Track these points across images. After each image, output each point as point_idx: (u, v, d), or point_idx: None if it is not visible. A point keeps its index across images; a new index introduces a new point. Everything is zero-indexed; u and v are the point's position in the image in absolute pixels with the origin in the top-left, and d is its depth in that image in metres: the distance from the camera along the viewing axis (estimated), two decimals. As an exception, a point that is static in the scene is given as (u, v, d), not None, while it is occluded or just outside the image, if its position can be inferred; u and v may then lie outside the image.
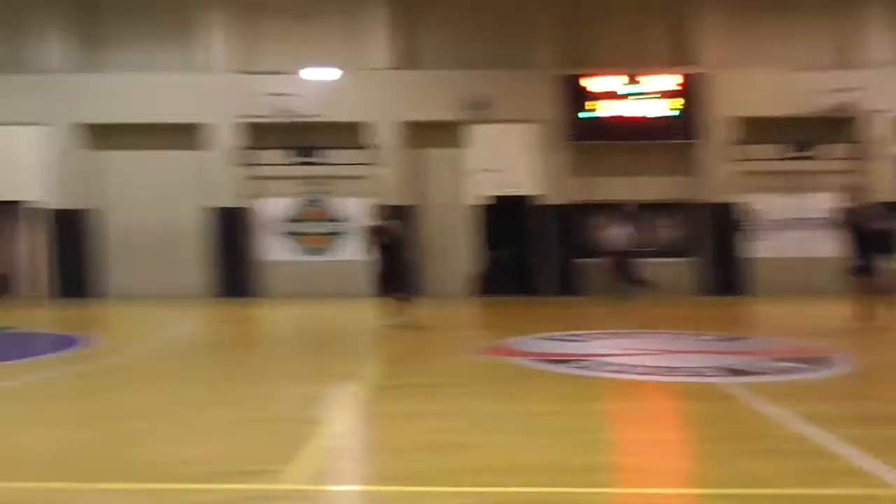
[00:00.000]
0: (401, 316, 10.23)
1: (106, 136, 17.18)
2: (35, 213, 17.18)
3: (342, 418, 5.57)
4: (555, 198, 16.79)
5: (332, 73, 16.84)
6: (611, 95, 16.81)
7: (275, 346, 10.18)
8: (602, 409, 5.63)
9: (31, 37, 16.94)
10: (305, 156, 16.99)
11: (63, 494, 3.77)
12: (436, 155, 17.24)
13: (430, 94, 16.74)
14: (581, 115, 16.80)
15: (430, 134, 16.93)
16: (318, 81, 16.80)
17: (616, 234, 15.28)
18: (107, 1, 17.29)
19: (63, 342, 9.52)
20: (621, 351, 8.22)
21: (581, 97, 16.81)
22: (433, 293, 15.41)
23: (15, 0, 17.13)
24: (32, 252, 17.80)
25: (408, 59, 17.07)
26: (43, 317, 13.20)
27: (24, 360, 8.49)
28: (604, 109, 16.82)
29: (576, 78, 16.80)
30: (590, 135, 16.84)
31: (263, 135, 16.87)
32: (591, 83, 16.85)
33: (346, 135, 16.87)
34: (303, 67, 16.72)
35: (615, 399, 6.00)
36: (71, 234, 16.99)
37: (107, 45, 17.32)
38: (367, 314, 11.26)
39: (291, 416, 5.39)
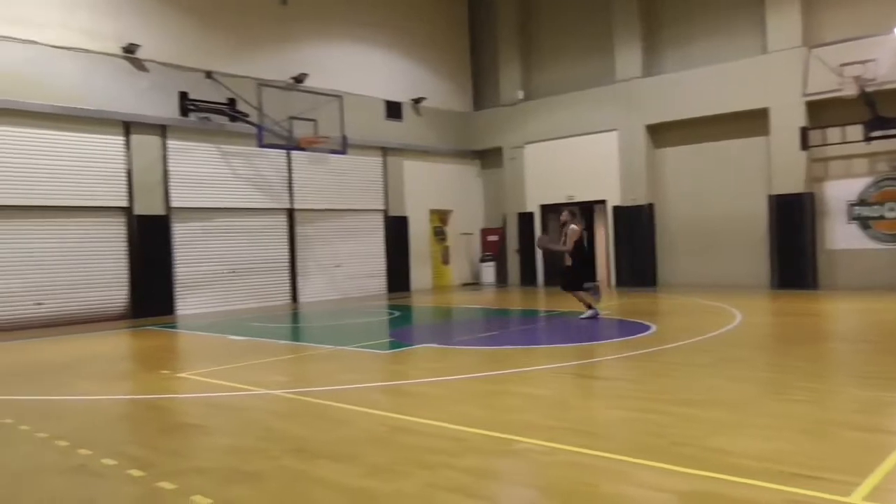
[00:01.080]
0: None
1: (665, 133, 18.19)
2: (613, 210, 19.22)
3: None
4: None
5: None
6: None
7: (837, 344, 9.26)
8: None
9: (606, 54, 18.97)
10: (884, 128, 14.73)
11: (619, 465, 4.13)
12: None
13: None
14: None
15: None
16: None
17: None
18: (665, 8, 18.27)
19: (635, 328, 10.45)
20: None
21: None
22: None
23: (598, 26, 19.51)
24: (601, 245, 20.05)
25: None
26: (613, 305, 14.62)
27: (603, 341, 9.67)
28: None
29: None
30: None
31: (831, 111, 15.44)
32: None
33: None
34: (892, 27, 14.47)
35: None
36: (631, 228, 18.52)
37: (665, 49, 18.33)
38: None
39: (858, 423, 4.85)
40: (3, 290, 13.00)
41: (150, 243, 14.77)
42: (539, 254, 20.29)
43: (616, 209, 18.85)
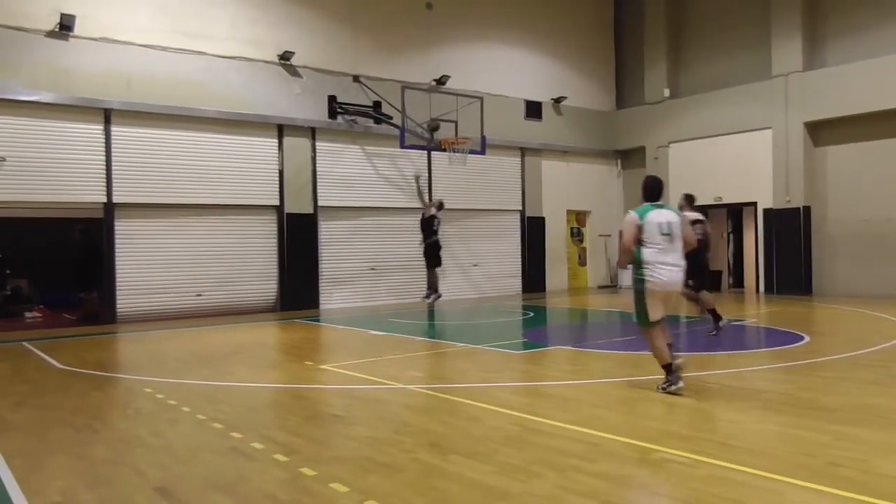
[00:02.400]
0: None
1: (826, 130, 16.95)
2: (763, 213, 18.16)
3: None
4: None
5: None
6: None
7: None
8: None
9: (761, 48, 17.99)
10: None
11: (769, 483, 3.88)
12: None
13: None
14: None
15: None
16: None
17: None
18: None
19: (785, 338, 9.81)
20: None
21: None
22: None
23: (753, 18, 18.55)
24: (749, 249, 18.97)
25: None
26: (762, 312, 13.81)
27: (751, 351, 9.15)
28: None
29: None
30: None
31: None
32: None
33: None
34: None
35: None
36: (784, 231, 17.36)
37: (828, 40, 17.08)
38: None
39: None
40: (170, 282, 14.17)
41: (298, 240, 15.58)
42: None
43: (767, 211, 17.76)
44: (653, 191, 6.72)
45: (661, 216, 6.49)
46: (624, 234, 6.67)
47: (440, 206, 14.42)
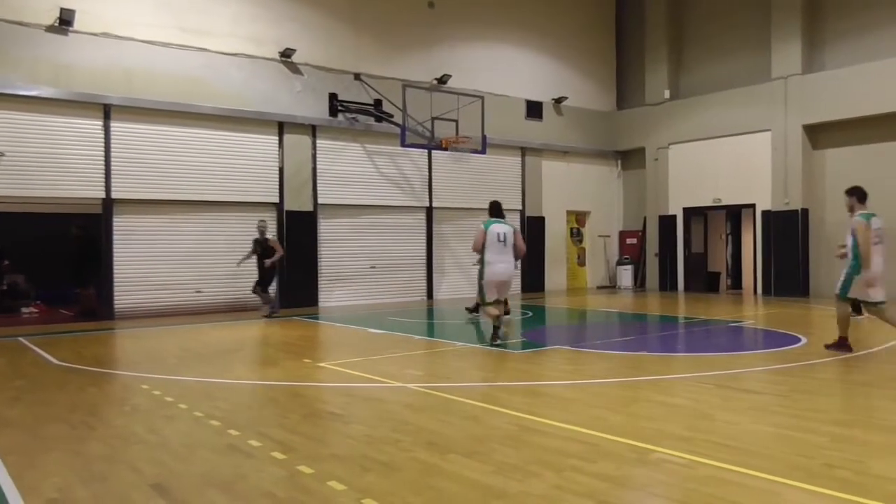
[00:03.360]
0: None
1: (825, 133, 16.96)
2: (762, 215, 18.19)
3: None
4: None
5: None
6: None
7: None
8: None
9: (761, 50, 17.99)
10: None
11: (766, 484, 3.88)
12: None
13: None
14: None
15: None
16: None
17: None
18: (829, 2, 17.04)
19: (783, 339, 9.82)
20: None
21: None
22: None
23: (754, 21, 18.58)
24: (747, 251, 18.99)
25: None
26: (760, 314, 13.82)
27: (749, 352, 9.16)
28: None
29: None
30: None
31: None
32: None
33: None
34: None
35: None
36: (782, 233, 17.36)
37: (828, 43, 17.09)
38: None
39: None
40: (168, 278, 14.16)
41: (297, 238, 15.57)
42: (681, 258, 19.54)
43: (766, 213, 17.78)
44: (495, 210, 9.79)
45: (500, 228, 9.42)
46: (475, 239, 9.50)
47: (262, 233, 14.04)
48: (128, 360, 9.32)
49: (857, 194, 9.17)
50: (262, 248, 13.64)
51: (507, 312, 11.61)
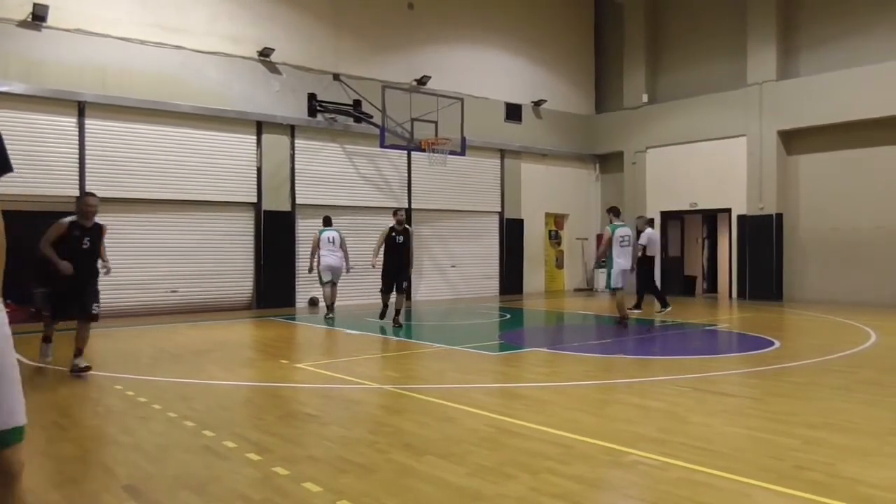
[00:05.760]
0: None
1: (799, 139, 17.21)
2: (737, 219, 18.39)
3: None
4: None
5: None
6: None
7: None
8: None
9: (737, 56, 18.20)
10: None
11: (737, 486, 3.93)
12: None
13: None
14: None
15: None
16: None
17: None
18: (803, 8, 17.28)
19: (757, 343, 9.94)
20: None
21: None
22: None
23: (730, 28, 18.81)
24: (722, 255, 19.20)
25: None
26: (734, 318, 13.98)
27: (723, 355, 9.26)
28: None
29: None
30: None
31: None
32: None
33: None
34: None
35: None
36: (757, 238, 17.58)
37: (802, 50, 17.35)
38: None
39: None
40: (142, 277, 14.01)
41: (275, 238, 15.48)
42: (658, 263, 19.72)
43: (741, 218, 18.00)
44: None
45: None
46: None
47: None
48: (101, 361, 9.19)
49: (613, 212, 12.42)
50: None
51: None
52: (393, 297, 12.07)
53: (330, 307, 13.50)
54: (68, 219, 7.75)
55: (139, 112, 13.86)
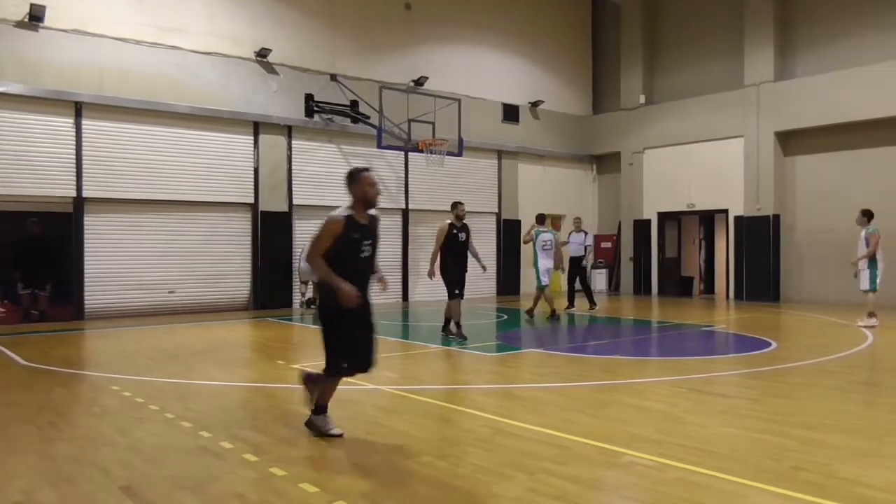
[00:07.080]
0: None
1: (797, 140, 17.24)
2: (734, 220, 18.41)
3: None
4: None
5: None
6: None
7: None
8: None
9: (734, 57, 18.20)
10: None
11: (734, 486, 3.93)
12: None
13: None
14: None
15: None
16: None
17: None
18: (801, 8, 17.31)
19: (754, 344, 9.95)
20: None
21: None
22: None
23: (727, 29, 18.82)
24: (720, 256, 19.23)
25: None
26: (731, 318, 13.99)
27: (720, 356, 9.27)
28: None
29: None
30: None
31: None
32: None
33: None
34: None
35: None
36: (754, 239, 17.60)
37: (800, 51, 17.37)
38: None
39: None
40: (140, 278, 13.98)
41: (272, 239, 15.46)
42: (655, 262, 19.71)
43: (738, 219, 18.01)
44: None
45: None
46: None
47: None
48: (97, 361, 9.18)
49: (538, 219, 13.67)
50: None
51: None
52: (456, 303, 10.58)
53: (308, 302, 14.61)
54: None
55: (136, 112, 13.84)
